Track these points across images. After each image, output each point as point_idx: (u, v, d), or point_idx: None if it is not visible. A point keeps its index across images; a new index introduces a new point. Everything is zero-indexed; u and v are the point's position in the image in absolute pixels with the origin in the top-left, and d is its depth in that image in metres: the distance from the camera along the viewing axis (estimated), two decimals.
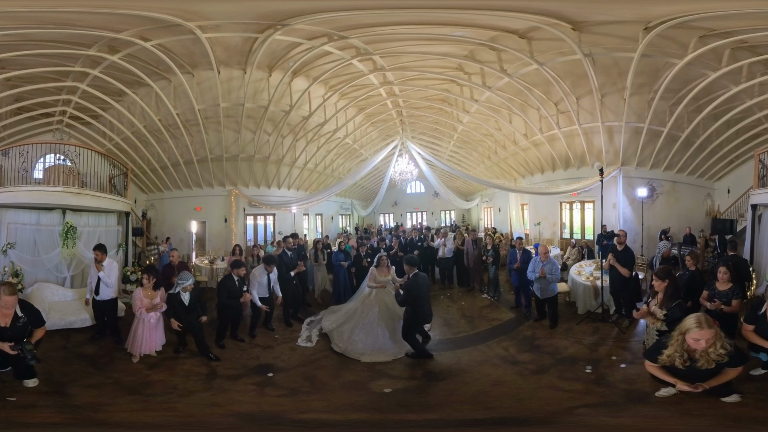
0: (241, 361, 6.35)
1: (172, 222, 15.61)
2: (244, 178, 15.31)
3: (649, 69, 10.02)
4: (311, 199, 16.31)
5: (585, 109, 11.89)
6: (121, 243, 10.34)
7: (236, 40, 9.88)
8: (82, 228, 9.19)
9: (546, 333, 7.33)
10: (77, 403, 4.64)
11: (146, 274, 6.66)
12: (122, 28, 8.50)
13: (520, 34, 9.51)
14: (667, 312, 4.88)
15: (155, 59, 10.14)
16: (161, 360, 6.22)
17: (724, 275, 5.49)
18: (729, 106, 10.61)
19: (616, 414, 4.35)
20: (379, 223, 25.99)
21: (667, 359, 3.74)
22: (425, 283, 6.67)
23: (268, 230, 16.88)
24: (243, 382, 5.57)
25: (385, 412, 4.73)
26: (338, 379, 5.74)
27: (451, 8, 8.16)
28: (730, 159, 12.77)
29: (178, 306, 6.34)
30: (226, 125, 13.21)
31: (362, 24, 9.03)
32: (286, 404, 4.95)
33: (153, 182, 15.32)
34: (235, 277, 7.10)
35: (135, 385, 5.28)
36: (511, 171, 16.98)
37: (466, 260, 11.01)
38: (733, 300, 5.38)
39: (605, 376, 5.30)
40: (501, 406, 4.72)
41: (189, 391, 5.21)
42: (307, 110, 13.36)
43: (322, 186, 18.02)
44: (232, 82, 11.75)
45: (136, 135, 13.26)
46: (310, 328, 7.94)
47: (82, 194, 9.19)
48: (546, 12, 8.17)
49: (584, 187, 13.23)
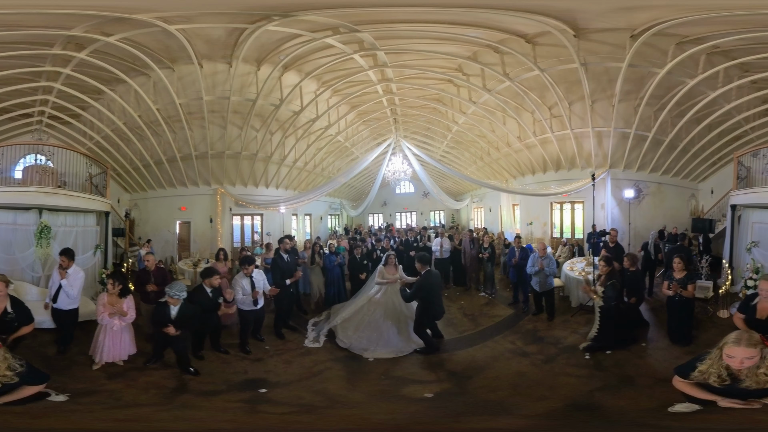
0: (223, 376, 5.84)
1: (156, 222, 15.05)
2: (231, 176, 14.86)
3: (635, 77, 10.56)
4: (301, 198, 15.97)
5: (576, 114, 12.23)
6: (99, 244, 10.02)
7: (219, 32, 9.57)
8: (58, 228, 8.95)
9: (545, 325, 7.86)
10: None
11: (111, 279, 6.14)
12: (70, 24, 8.20)
13: (528, 38, 9.86)
14: (604, 289, 6.25)
15: (130, 55, 9.79)
16: (126, 370, 5.80)
17: (679, 264, 6.34)
18: (709, 110, 11.11)
19: (616, 395, 4.84)
20: (369, 224, 25.78)
21: (699, 375, 3.30)
22: (437, 280, 6.90)
23: (256, 231, 16.50)
24: (222, 399, 5.12)
25: (453, 417, 4.57)
26: (357, 390, 5.45)
27: (471, 7, 8.26)
28: (713, 161, 13.21)
29: (163, 318, 5.73)
30: (211, 120, 12.80)
31: (376, 20, 8.99)
32: (303, 421, 4.48)
33: (136, 181, 14.76)
34: (208, 288, 6.39)
35: (79, 392, 4.87)
36: (503, 172, 17.07)
37: (464, 259, 11.01)
38: (689, 285, 6.23)
39: (601, 362, 5.99)
40: (542, 396, 5.08)
41: (136, 404, 4.80)
42: (298, 106, 13.04)
43: (311, 185, 17.67)
44: (216, 76, 11.41)
45: (117, 133, 12.79)
46: (317, 329, 7.72)
47: (56, 194, 8.99)
48: (557, 12, 8.40)
49: (575, 189, 13.51)
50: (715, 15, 7.63)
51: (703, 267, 8.98)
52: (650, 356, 6.14)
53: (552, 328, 7.63)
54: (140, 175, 14.43)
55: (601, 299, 6.28)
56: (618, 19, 8.58)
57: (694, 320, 6.69)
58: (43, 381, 4.33)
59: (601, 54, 9.89)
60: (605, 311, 6.30)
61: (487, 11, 8.37)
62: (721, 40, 8.68)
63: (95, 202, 10.11)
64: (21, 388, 3.90)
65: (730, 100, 10.65)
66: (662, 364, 5.69)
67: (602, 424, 4.16)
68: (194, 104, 12.12)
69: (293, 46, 10.25)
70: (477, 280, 10.99)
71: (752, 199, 9.17)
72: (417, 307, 6.77)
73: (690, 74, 10.01)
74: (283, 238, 8.90)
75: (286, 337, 7.45)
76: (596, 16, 8.60)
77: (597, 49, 9.81)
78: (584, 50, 9.81)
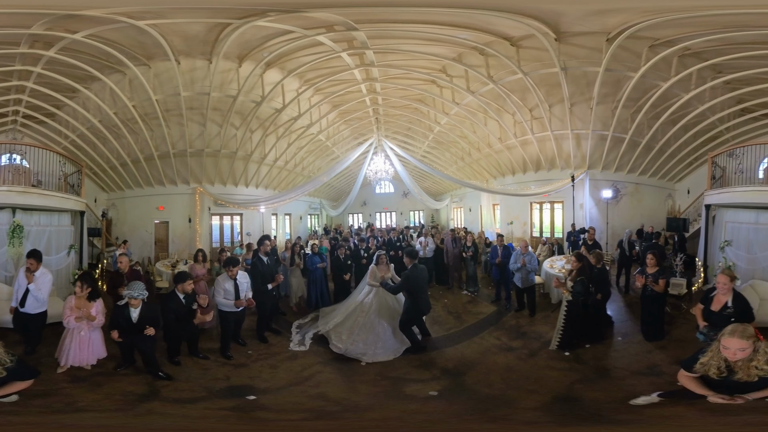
0: (200, 382, 5.46)
1: (133, 222, 14.71)
2: (210, 175, 14.64)
3: (612, 80, 10.91)
4: (282, 197, 15.83)
5: (556, 116, 12.51)
6: (73, 244, 9.78)
7: (198, 28, 9.39)
8: (31, 227, 8.73)
9: (527, 321, 8.02)
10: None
11: (79, 282, 5.74)
12: (28, 23, 8.01)
13: (513, 41, 10.08)
14: (573, 284, 6.47)
15: (104, 53, 9.58)
16: (92, 375, 5.43)
17: (651, 260, 6.57)
18: (684, 111, 11.39)
19: (592, 388, 5.05)
20: (350, 224, 25.70)
21: (701, 367, 3.39)
22: (424, 274, 6.87)
23: (235, 231, 16.27)
24: (201, 407, 4.79)
25: (470, 414, 4.61)
26: (358, 392, 5.30)
27: (463, 7, 8.38)
28: (689, 161, 13.57)
29: (123, 321, 5.41)
30: (190, 117, 12.56)
31: (372, 19, 9.01)
32: (320, 427, 4.19)
33: (113, 180, 14.36)
34: (180, 295, 5.99)
35: (33, 395, 4.43)
36: (483, 172, 17.29)
37: (446, 258, 11.09)
38: (660, 279, 6.40)
39: (580, 356, 6.18)
40: (533, 389, 5.24)
41: (93, 409, 4.47)
42: (280, 103, 12.92)
43: (291, 185, 17.52)
44: (195, 72, 11.22)
45: (93, 131, 12.43)
46: (301, 332, 7.54)
47: (29, 193, 8.73)
48: (540, 13, 8.60)
49: (554, 189, 13.82)
50: (681, 17, 7.90)
51: (677, 265, 9.12)
52: (625, 350, 6.35)
53: (534, 324, 7.80)
54: (117, 174, 14.07)
55: (570, 294, 6.50)
56: (594, 22, 8.82)
57: (666, 316, 6.95)
58: (32, 377, 4.21)
59: (580, 58, 10.16)
60: (572, 306, 6.49)
61: (478, 12, 8.50)
62: (690, 42, 8.99)
63: (70, 201, 9.85)
64: (9, 383, 3.80)
65: (703, 101, 10.94)
66: (636, 358, 5.95)
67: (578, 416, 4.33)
68: (172, 101, 11.88)
69: (279, 43, 10.12)
70: (459, 279, 11.11)
71: (725, 198, 9.26)
72: (405, 302, 6.80)
73: (664, 77, 10.33)
74: (262, 240, 8.23)
75: (269, 341, 7.18)
76: (575, 20, 8.82)
77: (576, 53, 10.08)
78: (564, 54, 10.09)
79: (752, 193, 8.55)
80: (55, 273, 9.00)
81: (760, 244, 8.30)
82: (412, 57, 11.04)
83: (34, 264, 6.07)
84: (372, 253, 10.77)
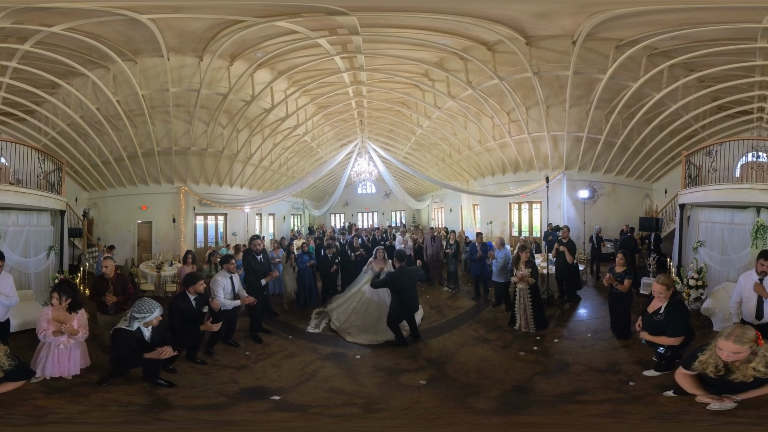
0: (212, 388, 5.22)
1: (116, 222, 14.51)
2: (194, 174, 14.51)
3: (584, 83, 11.12)
4: (269, 197, 15.91)
5: (533, 119, 12.88)
6: (53, 245, 9.39)
7: (198, 25, 9.28)
8: (8, 227, 8.42)
9: (504, 315, 8.33)
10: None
11: (56, 293, 5.06)
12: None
13: (489, 46, 10.35)
14: (531, 271, 7.40)
15: (86, 47, 9.39)
16: (74, 385, 4.89)
17: (620, 260, 6.78)
18: (658, 111, 11.60)
19: (546, 380, 5.39)
20: (332, 224, 25.86)
21: (699, 365, 3.38)
22: (410, 276, 7.27)
23: (219, 231, 16.26)
24: (243, 409, 4.62)
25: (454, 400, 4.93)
26: (364, 384, 5.53)
27: (443, 13, 8.74)
28: (665, 161, 13.92)
29: (133, 343, 4.83)
30: (176, 115, 12.41)
31: (369, 24, 9.24)
32: (374, 426, 4.24)
33: (95, 179, 14.11)
34: (191, 296, 5.71)
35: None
36: (464, 173, 17.72)
37: (425, 255, 11.46)
38: (626, 279, 6.62)
39: (547, 349, 6.63)
40: (498, 378, 5.62)
41: (82, 422, 4.03)
42: (268, 103, 13.03)
43: (275, 185, 17.63)
44: (183, 69, 11.14)
45: (74, 128, 12.19)
46: (319, 317, 8.49)
47: (5, 191, 8.30)
48: (498, 18, 8.91)
49: (532, 190, 14.18)
50: (627, 12, 8.09)
51: (650, 265, 9.23)
52: (592, 346, 6.60)
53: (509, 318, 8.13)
54: (99, 172, 13.85)
55: (532, 281, 7.45)
56: (549, 25, 9.15)
57: (633, 315, 7.06)
58: (27, 377, 4.28)
59: (552, 61, 10.47)
60: (534, 289, 7.49)
61: (454, 18, 8.83)
62: (652, 40, 9.16)
63: (49, 200, 9.49)
64: (3, 383, 3.85)
65: (676, 99, 11.05)
66: (599, 355, 6.21)
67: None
68: (158, 97, 11.75)
69: (276, 44, 10.18)
70: (440, 276, 11.55)
71: (699, 197, 9.06)
72: (391, 302, 7.21)
73: (635, 77, 10.50)
74: (254, 238, 8.38)
75: (263, 341, 7.16)
76: (532, 24, 9.11)
77: (547, 57, 10.38)
78: (536, 58, 10.40)
79: (726, 192, 8.33)
80: (33, 276, 8.89)
81: (734, 245, 8.15)
82: (398, 61, 11.33)
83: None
84: (357, 252, 11.14)
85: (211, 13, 8.75)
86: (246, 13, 8.76)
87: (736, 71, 9.75)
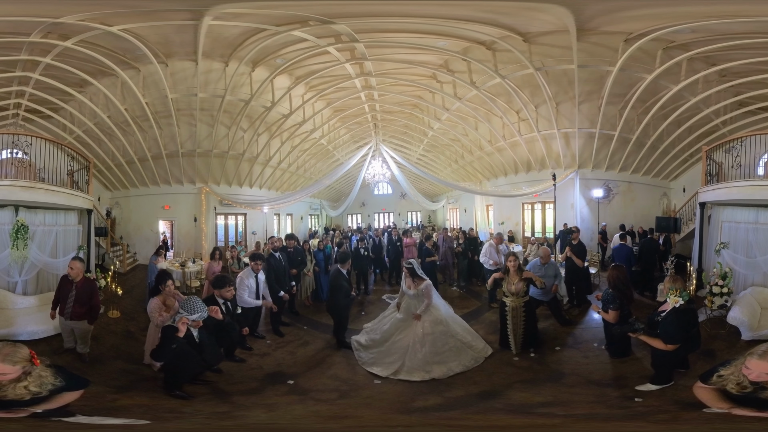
0: (241, 373, 6.00)
1: (138, 221, 15.02)
2: (216, 175, 14.98)
3: (593, 77, 10.71)
4: (288, 198, 16.32)
5: (543, 117, 12.70)
6: (81, 245, 9.34)
7: (232, 31, 9.50)
8: (36, 227, 8.27)
9: None
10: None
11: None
12: (60, 13, 7.82)
13: (487, 45, 10.27)
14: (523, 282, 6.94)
15: (120, 47, 9.55)
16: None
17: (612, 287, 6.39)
18: (675, 105, 10.97)
19: (527, 389, 5.32)
20: (348, 224, 26.19)
21: (718, 380, 3.20)
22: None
23: (239, 230, 16.73)
24: (264, 395, 5.22)
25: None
26: (357, 373, 6.19)
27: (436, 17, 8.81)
28: (683, 158, 13.31)
29: (182, 345, 4.64)
30: (200, 119, 12.84)
31: (371, 29, 9.43)
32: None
33: (118, 178, 14.58)
34: (220, 301, 5.52)
35: None
36: (477, 174, 17.82)
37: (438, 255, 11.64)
38: (610, 309, 6.02)
39: (545, 357, 6.48)
40: (475, 380, 5.83)
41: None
42: (286, 108, 13.43)
43: (292, 186, 18.06)
44: (210, 74, 11.45)
45: (100, 127, 12.47)
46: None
47: (34, 188, 8.16)
48: (485, 19, 8.90)
49: (544, 189, 14.02)
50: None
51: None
52: (596, 357, 6.37)
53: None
54: (122, 172, 14.26)
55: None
56: (543, 21, 8.90)
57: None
58: (84, 386, 3.83)
59: (555, 56, 10.10)
60: (528, 306, 7.05)
61: (437, 22, 8.97)
62: (661, 32, 8.55)
63: (78, 199, 9.42)
64: (63, 394, 3.48)
65: (695, 93, 10.40)
66: (601, 367, 6.03)
67: None
68: (183, 100, 12.10)
69: (294, 51, 10.46)
70: (451, 276, 11.76)
71: (721, 195, 8.50)
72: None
73: (648, 69, 9.96)
74: (289, 235, 9.16)
75: (284, 334, 7.79)
76: (524, 21, 8.99)
77: (550, 52, 10.02)
78: (539, 54, 10.07)
79: (751, 189, 7.76)
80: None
81: (760, 247, 7.64)
82: (405, 65, 11.50)
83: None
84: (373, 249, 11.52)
85: (251, 21, 9.01)
86: (267, 22, 9.04)
87: (760, 65, 8.96)
